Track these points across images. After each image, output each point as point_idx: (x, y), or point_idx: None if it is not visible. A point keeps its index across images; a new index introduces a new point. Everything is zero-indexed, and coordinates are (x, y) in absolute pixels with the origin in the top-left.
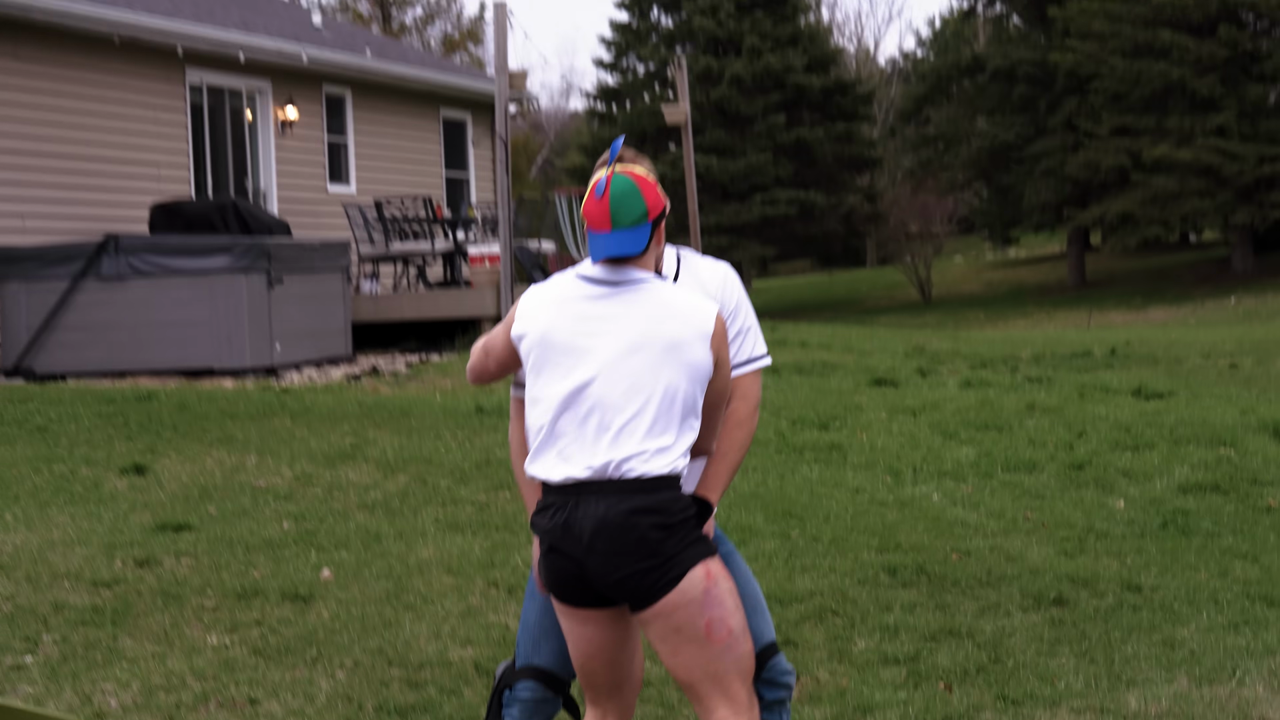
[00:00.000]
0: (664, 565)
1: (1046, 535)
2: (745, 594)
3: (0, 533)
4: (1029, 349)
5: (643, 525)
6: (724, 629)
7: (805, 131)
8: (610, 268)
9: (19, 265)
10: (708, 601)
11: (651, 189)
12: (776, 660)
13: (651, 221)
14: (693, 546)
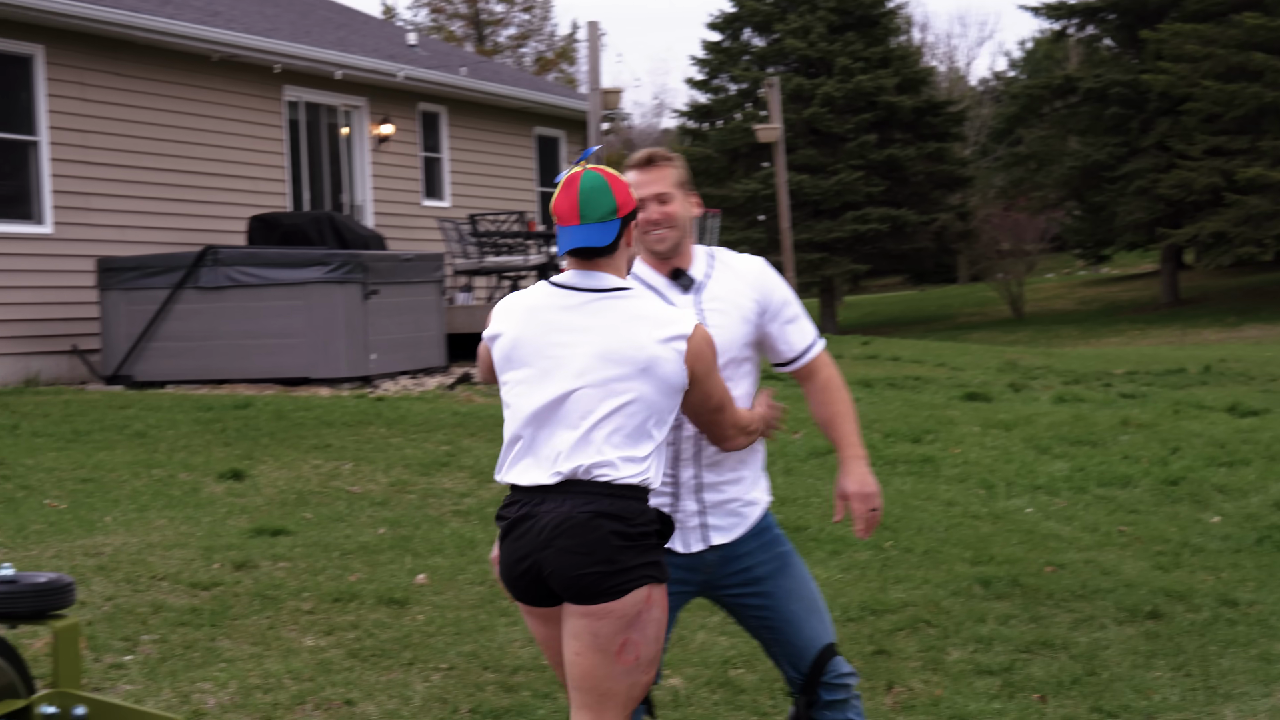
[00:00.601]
0: (618, 574)
1: (1141, 549)
2: (803, 594)
3: (101, 535)
4: (1123, 365)
5: (605, 529)
6: (634, 653)
7: (896, 150)
8: (582, 273)
9: (120, 275)
10: (636, 623)
11: (623, 187)
12: (835, 662)
13: (621, 218)
14: (648, 565)
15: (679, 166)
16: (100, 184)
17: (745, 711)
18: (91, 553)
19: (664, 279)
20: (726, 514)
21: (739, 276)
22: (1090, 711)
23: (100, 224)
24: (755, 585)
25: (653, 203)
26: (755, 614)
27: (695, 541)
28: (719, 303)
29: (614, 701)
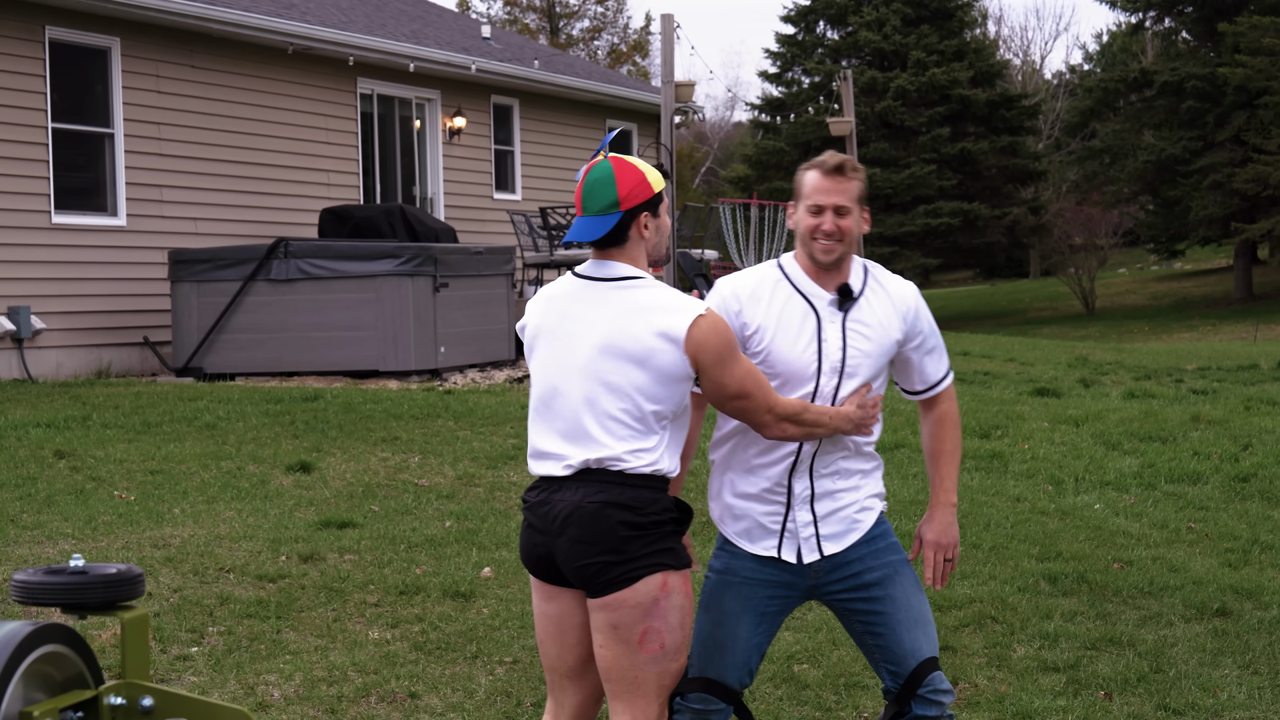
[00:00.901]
0: (625, 563)
1: (1210, 547)
2: (910, 604)
3: (169, 527)
4: (1194, 361)
5: (613, 519)
6: (657, 641)
7: (969, 144)
8: (597, 263)
9: (191, 268)
10: (654, 610)
11: (632, 179)
12: (933, 677)
13: (625, 211)
14: (660, 553)
15: (863, 180)
16: (173, 176)
17: (809, 707)
18: (159, 544)
19: (817, 286)
20: (840, 521)
21: (890, 301)
22: (1156, 709)
23: (172, 216)
24: (863, 591)
25: (830, 213)
26: (860, 619)
27: (809, 552)
28: (865, 328)
29: (644, 690)
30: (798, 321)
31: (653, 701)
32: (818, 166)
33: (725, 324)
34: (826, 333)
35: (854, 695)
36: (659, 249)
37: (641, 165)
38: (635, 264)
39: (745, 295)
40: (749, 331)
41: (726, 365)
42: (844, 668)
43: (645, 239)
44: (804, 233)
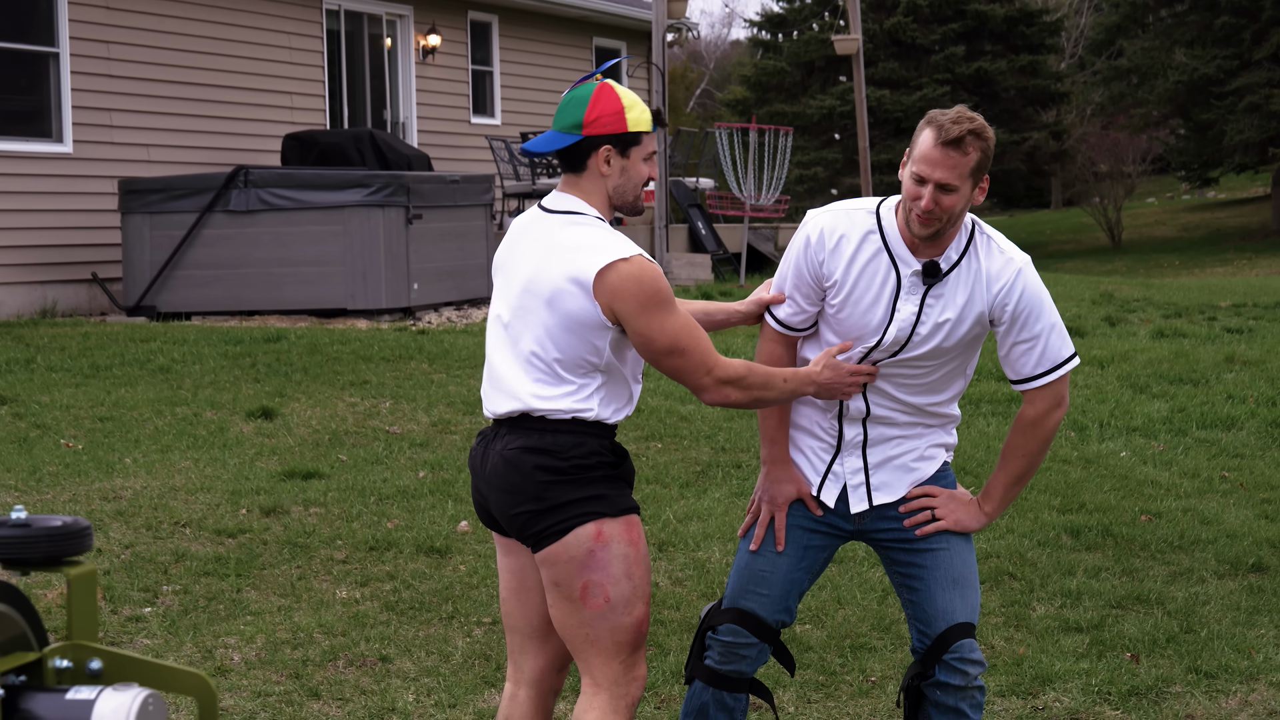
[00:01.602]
0: (549, 512)
1: (1245, 497)
2: (953, 564)
3: (120, 478)
4: (1228, 297)
5: (529, 464)
6: (600, 595)
7: (986, 63)
8: (556, 195)
9: (143, 198)
10: (590, 563)
11: (608, 107)
12: (964, 644)
13: (587, 136)
14: (589, 500)
15: (985, 150)
16: (123, 99)
17: (812, 670)
18: (110, 496)
19: (912, 259)
20: (894, 470)
21: (981, 278)
22: (1187, 672)
23: (123, 142)
24: (908, 541)
25: (932, 188)
26: (900, 569)
27: (858, 501)
28: (945, 306)
29: (599, 648)
30: (877, 286)
31: (610, 659)
32: (936, 129)
33: (654, 272)
34: (901, 305)
35: (860, 657)
36: (625, 195)
37: (628, 99)
38: (588, 200)
39: (832, 242)
40: (828, 282)
41: (651, 316)
42: (850, 628)
43: (605, 177)
44: (905, 196)
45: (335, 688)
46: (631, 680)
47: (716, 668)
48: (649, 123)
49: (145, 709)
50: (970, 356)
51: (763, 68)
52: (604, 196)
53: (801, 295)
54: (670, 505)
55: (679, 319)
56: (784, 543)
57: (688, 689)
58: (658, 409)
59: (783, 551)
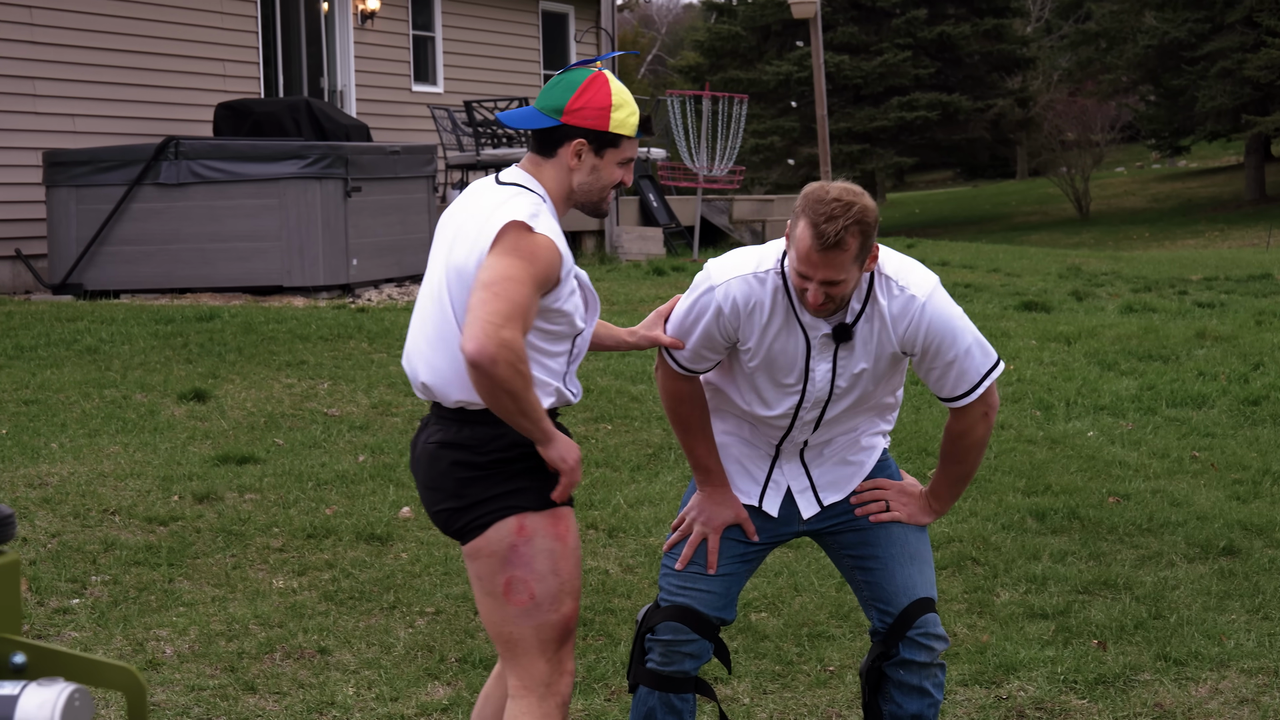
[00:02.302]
0: (470, 509)
1: (1216, 478)
2: (906, 541)
3: (46, 464)
4: (1200, 270)
5: (446, 461)
6: (524, 592)
7: (949, 27)
8: (512, 171)
9: (68, 171)
10: (512, 559)
11: (596, 99)
12: (927, 619)
13: (566, 124)
14: (510, 495)
15: (867, 230)
16: (47, 67)
17: (768, 660)
18: (35, 483)
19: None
20: (836, 465)
21: (886, 324)
22: (1156, 659)
23: (47, 112)
24: (856, 524)
25: (816, 285)
26: (850, 553)
27: (807, 506)
28: (854, 355)
29: (524, 647)
30: (790, 350)
31: (536, 659)
32: (813, 229)
33: (544, 243)
34: (815, 368)
35: (818, 646)
36: (589, 195)
37: (619, 97)
38: (544, 184)
39: (746, 311)
40: (743, 346)
41: (503, 255)
42: (807, 616)
43: (572, 170)
44: (793, 284)
45: (272, 681)
46: (560, 676)
47: (659, 669)
48: (634, 127)
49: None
50: (898, 371)
51: (717, 32)
52: (564, 188)
53: (709, 350)
54: (621, 489)
55: (519, 276)
56: (715, 567)
57: (633, 697)
58: (608, 389)
59: (721, 546)
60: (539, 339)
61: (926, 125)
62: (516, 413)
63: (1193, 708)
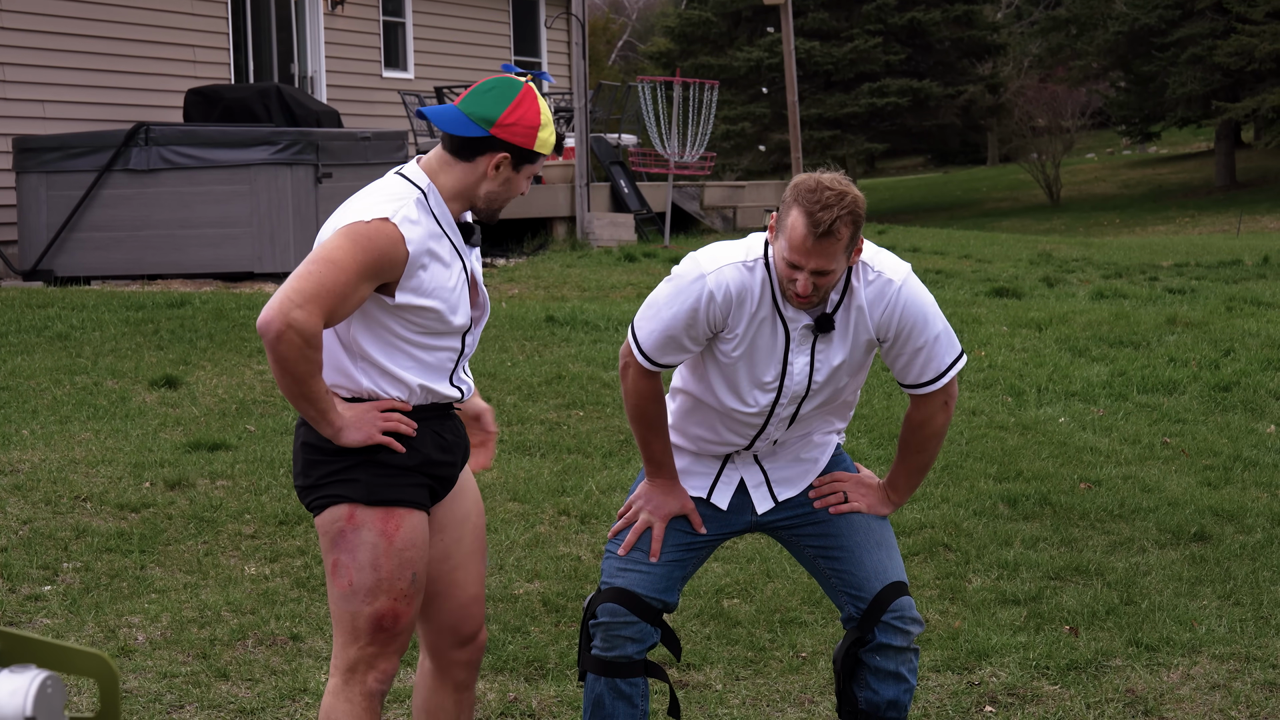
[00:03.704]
0: (308, 489)
1: (1187, 464)
2: (870, 527)
3: (17, 450)
4: (1170, 257)
5: (299, 439)
6: (345, 577)
7: (919, 13)
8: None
9: (38, 157)
10: (340, 543)
11: (527, 118)
12: (901, 602)
13: (491, 135)
14: (342, 484)
15: (857, 220)
16: (16, 52)
17: (740, 646)
18: (6, 470)
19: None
20: (791, 463)
21: (864, 312)
22: (1127, 645)
23: (16, 98)
24: (810, 513)
25: (807, 275)
26: (813, 544)
27: (761, 501)
28: (831, 347)
29: (339, 629)
30: (768, 346)
31: (348, 643)
32: (807, 217)
33: (377, 230)
34: (794, 361)
35: (790, 632)
36: (493, 203)
37: (547, 117)
38: (458, 184)
39: (739, 300)
40: (729, 334)
41: (336, 236)
42: (779, 602)
43: (488, 178)
44: (779, 274)
45: (244, 668)
46: (370, 671)
47: (602, 655)
48: (550, 147)
49: (44, 692)
50: (866, 366)
51: (687, 18)
52: (469, 191)
53: (691, 342)
54: (593, 475)
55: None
56: (658, 555)
57: (584, 685)
58: (579, 375)
59: (666, 534)
60: (415, 333)
61: (897, 111)
62: (299, 396)
63: (1164, 693)
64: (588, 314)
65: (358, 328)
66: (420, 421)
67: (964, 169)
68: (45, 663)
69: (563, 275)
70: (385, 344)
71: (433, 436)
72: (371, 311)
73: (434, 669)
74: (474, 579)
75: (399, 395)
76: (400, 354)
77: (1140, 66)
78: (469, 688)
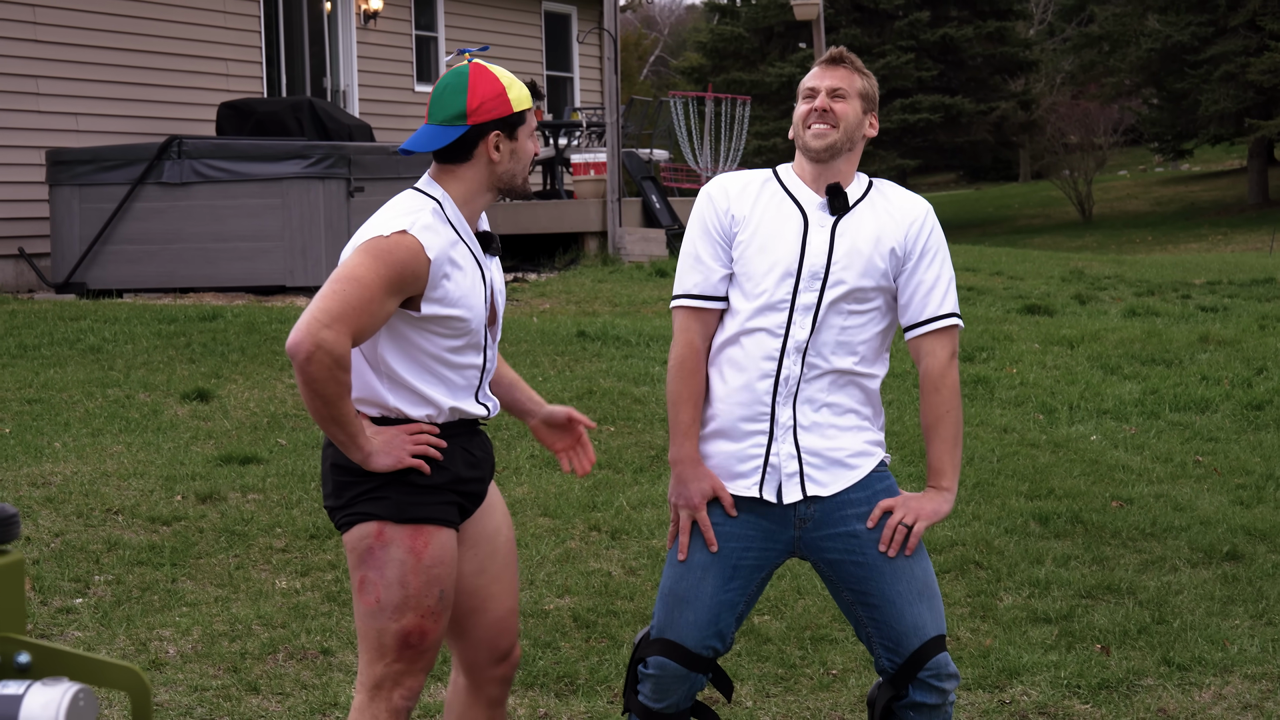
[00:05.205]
0: (339, 509)
1: (1219, 482)
2: (913, 573)
3: (49, 463)
4: (1203, 274)
5: (328, 460)
6: (372, 594)
7: (952, 30)
8: (425, 179)
9: (72, 169)
10: (369, 560)
11: (488, 90)
12: (939, 660)
13: (474, 125)
14: (372, 502)
15: (868, 80)
16: (51, 65)
17: (771, 663)
18: (38, 482)
19: (813, 195)
20: (829, 462)
21: (891, 210)
22: (1159, 664)
23: (50, 111)
24: (855, 545)
25: (823, 94)
26: (851, 586)
27: (791, 490)
28: (857, 235)
29: (365, 645)
30: (783, 220)
31: (374, 660)
32: (817, 62)
33: (398, 248)
34: (812, 236)
35: (821, 650)
36: (513, 178)
37: (505, 78)
38: (469, 185)
39: (734, 190)
40: (737, 225)
41: (357, 253)
42: (810, 619)
43: (496, 162)
44: (797, 122)
45: (275, 682)
46: (396, 688)
47: (650, 705)
48: (529, 99)
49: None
50: (887, 326)
51: (719, 34)
52: (485, 184)
53: (710, 255)
54: (623, 491)
55: (364, 277)
56: (715, 542)
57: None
58: (610, 391)
59: (708, 573)
60: (442, 348)
61: (929, 128)
62: (329, 419)
63: (1196, 713)
64: (619, 329)
65: (385, 345)
66: (449, 438)
67: (996, 185)
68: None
69: (594, 290)
70: (413, 361)
71: (462, 453)
72: (398, 328)
73: (468, 685)
74: (508, 592)
75: (428, 413)
76: (427, 372)
77: (1173, 84)
78: (502, 704)
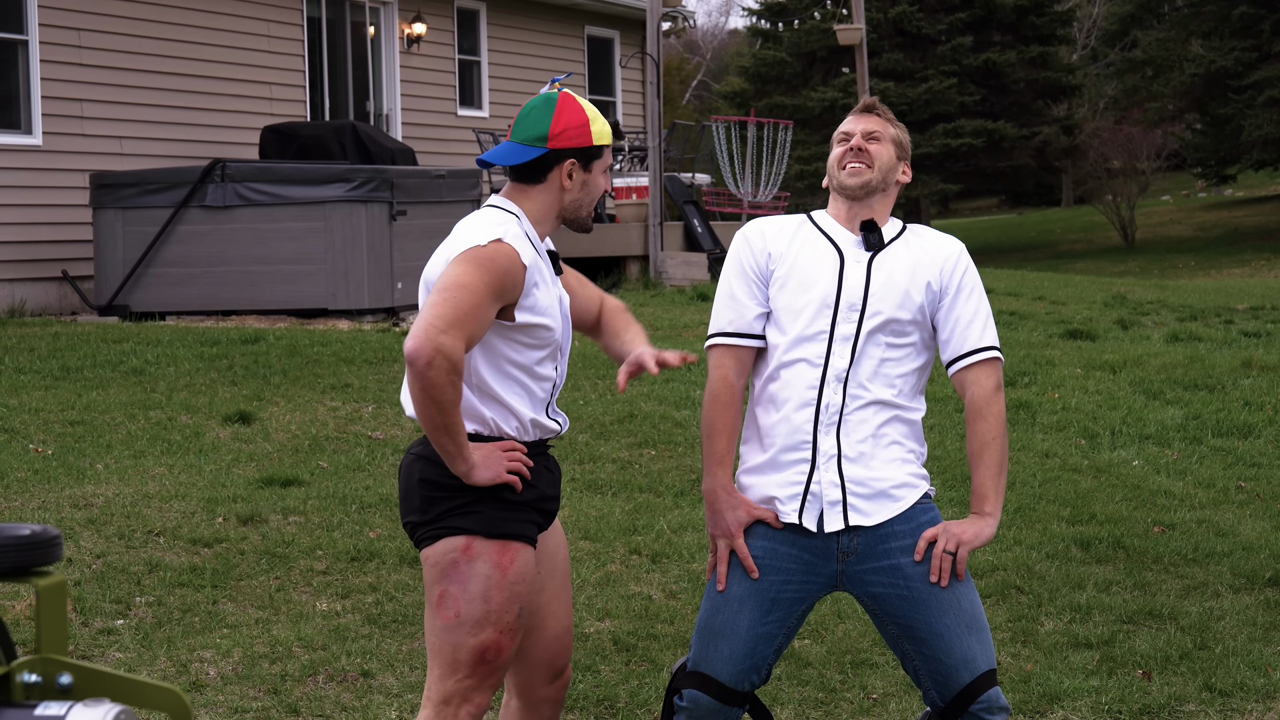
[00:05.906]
0: (425, 524)
1: (1263, 508)
2: (960, 606)
3: (91, 485)
4: (1246, 300)
5: (416, 475)
6: (452, 609)
7: (995, 55)
8: (496, 199)
9: (115, 193)
10: (452, 574)
11: (573, 119)
12: (991, 694)
13: (553, 149)
14: (463, 516)
15: (900, 130)
16: (96, 89)
17: (811, 687)
18: (80, 504)
19: (848, 234)
20: (872, 492)
21: (927, 250)
22: (1201, 690)
23: (95, 134)
24: (901, 580)
25: (858, 136)
26: (899, 622)
27: (833, 519)
28: (893, 269)
29: (439, 660)
30: (818, 258)
31: (446, 676)
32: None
33: (496, 251)
34: (849, 270)
35: (861, 674)
36: (579, 210)
37: (590, 111)
38: (539, 207)
39: (770, 232)
40: (773, 262)
41: (458, 263)
42: (850, 643)
43: (566, 189)
44: (832, 165)
45: (315, 704)
46: (464, 704)
47: None
48: (610, 136)
49: None
50: (924, 364)
51: (762, 58)
52: (554, 209)
53: (745, 293)
54: (664, 515)
55: (470, 283)
56: (755, 570)
57: None
58: (651, 414)
59: (744, 606)
60: (527, 358)
61: (972, 152)
62: (440, 428)
63: None
64: None
65: (476, 356)
66: (532, 456)
67: (1038, 210)
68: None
69: (636, 313)
70: (500, 372)
71: (545, 473)
72: (488, 338)
73: (520, 708)
74: (566, 610)
75: (514, 426)
76: (513, 382)
77: (1216, 109)
78: None
